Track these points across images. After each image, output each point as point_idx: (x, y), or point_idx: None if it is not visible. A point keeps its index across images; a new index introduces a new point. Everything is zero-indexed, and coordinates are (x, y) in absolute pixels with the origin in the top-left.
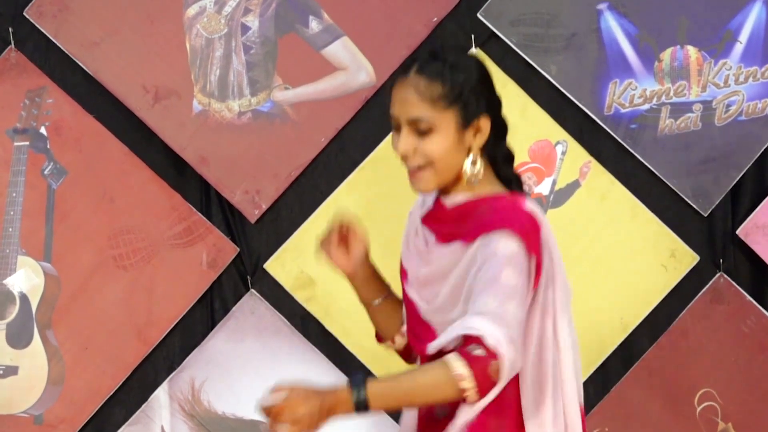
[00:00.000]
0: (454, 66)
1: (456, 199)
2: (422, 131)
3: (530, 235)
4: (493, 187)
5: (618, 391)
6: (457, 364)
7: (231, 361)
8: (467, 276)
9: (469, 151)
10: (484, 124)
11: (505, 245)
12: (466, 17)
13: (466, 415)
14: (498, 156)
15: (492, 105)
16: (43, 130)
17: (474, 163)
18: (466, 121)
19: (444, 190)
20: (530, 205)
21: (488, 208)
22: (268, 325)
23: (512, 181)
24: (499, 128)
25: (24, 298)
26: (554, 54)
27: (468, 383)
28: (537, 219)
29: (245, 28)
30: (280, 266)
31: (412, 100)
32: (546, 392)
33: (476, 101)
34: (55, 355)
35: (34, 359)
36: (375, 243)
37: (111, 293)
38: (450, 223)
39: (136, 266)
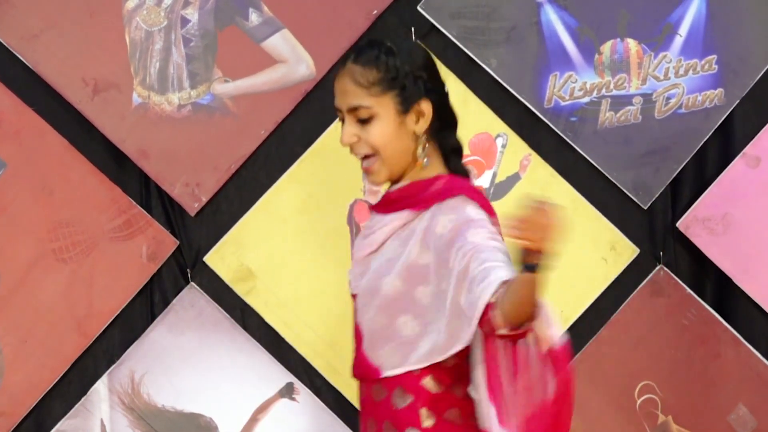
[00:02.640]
0: (389, 51)
1: (402, 183)
2: (363, 119)
3: (490, 209)
4: (441, 173)
5: None
6: None
7: (171, 354)
8: (413, 244)
9: (415, 136)
10: (426, 107)
11: (474, 211)
12: (407, 10)
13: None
14: (446, 147)
15: (434, 90)
16: None
17: (423, 147)
18: (406, 106)
19: (395, 183)
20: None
21: (442, 182)
22: (208, 318)
23: (461, 174)
24: (446, 117)
25: None
26: (494, 47)
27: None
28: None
29: (185, 21)
30: (220, 259)
31: (349, 89)
32: None
33: (414, 84)
34: None
35: None
36: (315, 236)
37: (50, 286)
38: (398, 199)
39: (75, 259)
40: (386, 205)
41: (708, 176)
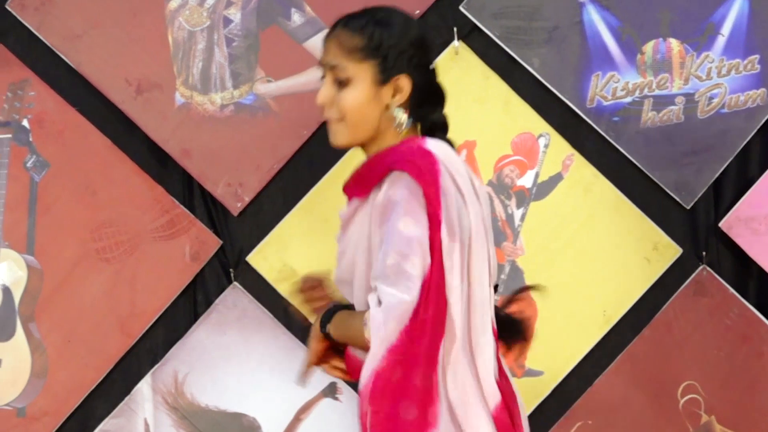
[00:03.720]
0: (379, 21)
1: (367, 156)
2: (341, 82)
3: (424, 175)
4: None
5: (601, 384)
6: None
7: (214, 353)
8: (365, 236)
9: (387, 109)
10: (404, 83)
11: (395, 191)
12: (449, 10)
13: (369, 361)
14: (427, 121)
15: (418, 67)
16: (25, 123)
17: (399, 121)
18: (384, 77)
19: (364, 151)
20: (431, 145)
21: (383, 155)
22: (250, 317)
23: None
24: (430, 94)
25: (7, 290)
26: (537, 47)
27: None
28: (435, 157)
29: (227, 21)
30: (263, 259)
31: (332, 50)
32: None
33: (396, 58)
34: (38, 348)
35: (17, 352)
36: None
37: (94, 286)
38: (361, 178)
39: (118, 259)
40: (352, 186)
41: (751, 176)
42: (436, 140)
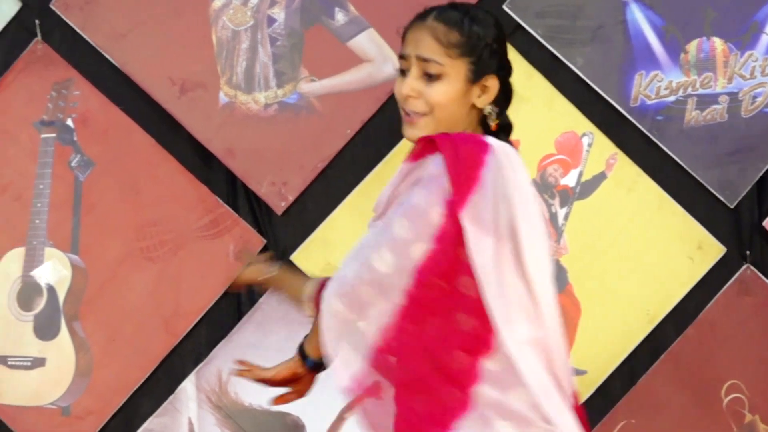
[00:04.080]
0: (474, 19)
1: None
2: (431, 76)
3: (459, 163)
4: None
5: (644, 384)
6: None
7: (258, 352)
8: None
9: (473, 107)
10: (492, 84)
11: (424, 171)
12: (492, 9)
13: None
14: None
15: (503, 68)
16: (69, 122)
17: (489, 115)
18: (476, 76)
19: None
20: (493, 139)
21: (443, 135)
22: (294, 316)
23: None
24: (506, 95)
25: (51, 289)
26: (580, 46)
27: None
28: (486, 148)
29: (271, 20)
30: (307, 258)
31: (427, 42)
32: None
33: (489, 58)
34: (83, 347)
35: (61, 351)
36: None
37: (138, 285)
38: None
39: (163, 258)
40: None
41: None
42: (497, 140)
